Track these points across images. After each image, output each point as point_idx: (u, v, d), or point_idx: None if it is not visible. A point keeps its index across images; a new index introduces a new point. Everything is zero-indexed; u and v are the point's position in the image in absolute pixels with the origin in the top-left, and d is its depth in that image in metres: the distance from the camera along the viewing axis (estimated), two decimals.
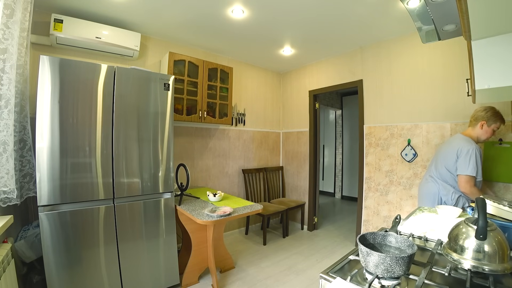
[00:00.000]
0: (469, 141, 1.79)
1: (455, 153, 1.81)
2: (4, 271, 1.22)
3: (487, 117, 1.80)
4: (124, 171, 1.86)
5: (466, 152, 1.75)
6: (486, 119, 1.80)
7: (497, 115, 1.79)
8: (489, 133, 1.79)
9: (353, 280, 0.79)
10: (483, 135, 1.81)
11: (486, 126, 1.80)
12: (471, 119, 1.89)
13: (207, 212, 1.94)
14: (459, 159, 1.78)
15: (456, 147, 1.82)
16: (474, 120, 1.86)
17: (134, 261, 1.92)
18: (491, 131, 1.78)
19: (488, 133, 1.79)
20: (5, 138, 1.47)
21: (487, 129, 1.79)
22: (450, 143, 1.91)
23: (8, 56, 1.47)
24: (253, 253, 2.92)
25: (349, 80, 3.15)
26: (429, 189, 1.94)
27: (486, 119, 1.80)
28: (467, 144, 1.77)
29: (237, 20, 2.40)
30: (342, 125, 5.84)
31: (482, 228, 0.78)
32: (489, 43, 0.95)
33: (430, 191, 1.93)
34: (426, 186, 1.98)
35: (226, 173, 3.46)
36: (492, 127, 1.78)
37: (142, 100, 1.94)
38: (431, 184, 1.94)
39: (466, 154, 1.75)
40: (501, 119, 1.78)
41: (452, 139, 1.93)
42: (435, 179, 1.93)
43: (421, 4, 1.14)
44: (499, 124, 1.78)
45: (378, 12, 2.20)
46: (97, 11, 2.22)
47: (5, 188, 1.46)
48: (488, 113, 1.79)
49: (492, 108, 1.80)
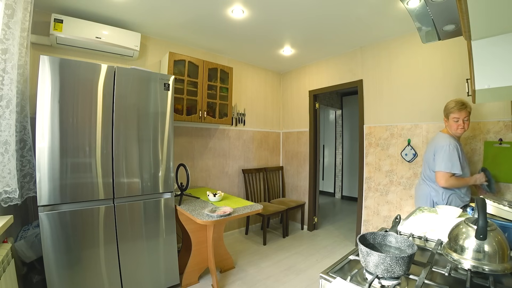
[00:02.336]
0: (444, 138, 1.83)
1: (432, 152, 1.88)
2: (4, 271, 1.23)
3: (444, 112, 1.90)
4: (124, 171, 1.86)
5: (440, 148, 1.81)
6: (444, 114, 1.89)
7: (447, 105, 1.86)
8: (453, 125, 1.82)
9: (353, 280, 0.79)
10: (451, 128, 1.85)
11: (446, 120, 1.88)
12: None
13: (207, 212, 1.94)
14: (435, 157, 1.84)
15: (433, 146, 1.88)
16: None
17: (134, 261, 1.92)
18: (453, 122, 1.82)
19: (452, 125, 1.83)
20: (7, 138, 1.47)
21: (448, 122, 1.86)
22: (430, 143, 1.98)
23: (9, 56, 1.47)
24: (253, 253, 2.92)
25: (349, 80, 3.15)
26: (422, 191, 1.96)
27: (444, 113, 1.90)
28: (441, 140, 1.83)
29: (237, 20, 2.40)
30: (342, 125, 5.84)
31: (482, 228, 0.78)
32: (489, 43, 0.95)
33: (423, 193, 1.95)
34: (420, 188, 2.02)
35: (226, 173, 3.46)
36: (450, 118, 1.83)
37: (142, 100, 1.94)
38: (423, 186, 1.97)
39: (440, 150, 1.81)
40: (452, 107, 1.81)
41: (432, 139, 2.00)
42: (425, 180, 1.97)
43: (421, 4, 1.14)
44: (455, 112, 1.80)
45: (378, 12, 2.20)
46: (97, 11, 2.22)
47: (7, 188, 1.46)
48: (444, 107, 1.90)
49: (449, 101, 1.88)
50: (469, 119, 1.81)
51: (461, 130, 1.81)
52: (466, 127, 1.81)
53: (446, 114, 1.87)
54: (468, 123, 1.81)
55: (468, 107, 1.80)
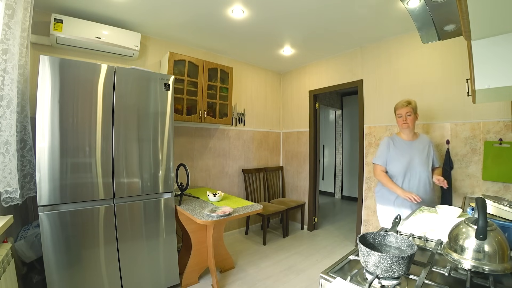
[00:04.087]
0: (386, 138, 2.07)
1: None
2: (4, 271, 1.23)
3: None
4: (124, 171, 1.86)
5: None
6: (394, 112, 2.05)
7: (395, 104, 2.02)
8: (398, 121, 1.98)
9: (353, 280, 0.79)
10: (398, 125, 2.01)
11: (396, 118, 2.03)
12: None
13: (207, 212, 1.94)
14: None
15: None
16: None
17: (134, 261, 1.92)
18: (398, 118, 1.98)
19: (398, 121, 1.99)
20: (7, 138, 1.47)
21: (396, 119, 2.01)
22: None
23: (9, 57, 1.47)
24: (253, 253, 2.92)
25: (349, 80, 3.15)
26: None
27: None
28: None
29: (237, 20, 2.40)
30: (342, 125, 5.84)
31: (482, 228, 0.78)
32: (489, 43, 0.95)
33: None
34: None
35: (226, 173, 3.46)
36: (396, 114, 1.99)
37: (142, 100, 1.94)
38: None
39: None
40: (397, 103, 1.99)
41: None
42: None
43: (421, 4, 1.14)
44: (399, 108, 1.95)
45: (378, 12, 2.20)
46: (97, 11, 2.22)
47: (8, 188, 1.46)
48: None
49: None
50: (412, 116, 1.91)
51: (405, 125, 1.93)
52: (410, 123, 1.91)
53: (394, 112, 2.01)
54: (411, 119, 1.91)
55: (411, 105, 1.91)
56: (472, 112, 2.17)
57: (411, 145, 1.96)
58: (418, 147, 1.94)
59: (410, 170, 1.91)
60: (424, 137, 2.01)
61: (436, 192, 2.37)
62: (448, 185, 2.25)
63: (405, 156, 1.94)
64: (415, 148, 1.94)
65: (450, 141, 2.29)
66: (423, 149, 1.93)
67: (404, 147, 1.97)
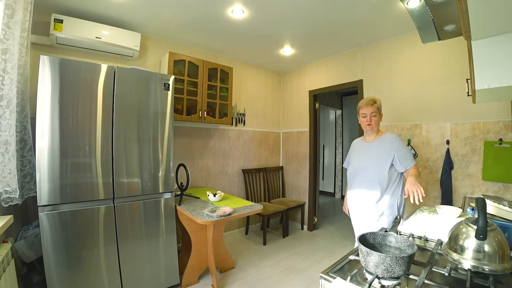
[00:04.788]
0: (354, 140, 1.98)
1: None
2: (4, 271, 1.23)
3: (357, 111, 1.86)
4: (124, 171, 1.86)
5: None
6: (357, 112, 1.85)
7: (359, 103, 1.82)
8: (362, 121, 1.76)
9: (353, 280, 0.79)
10: (362, 125, 1.80)
11: (359, 117, 1.82)
12: None
13: (207, 212, 1.94)
14: None
15: None
16: None
17: (134, 261, 1.92)
18: (361, 118, 1.76)
19: (361, 121, 1.77)
20: (7, 138, 1.47)
21: (359, 118, 1.80)
22: None
23: (9, 56, 1.47)
24: (253, 253, 2.92)
25: (349, 80, 3.15)
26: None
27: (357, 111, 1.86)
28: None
29: (237, 20, 2.40)
30: (342, 125, 5.84)
31: (482, 228, 0.78)
32: (489, 43, 0.95)
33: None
34: None
35: (226, 173, 3.45)
36: (360, 114, 1.77)
37: (142, 100, 1.94)
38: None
39: None
40: (361, 101, 1.78)
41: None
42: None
43: (421, 4, 1.14)
44: (363, 107, 1.74)
45: (378, 12, 2.20)
46: (97, 11, 2.22)
47: (7, 188, 1.46)
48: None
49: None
50: (377, 116, 1.71)
51: (369, 127, 1.72)
52: (374, 124, 1.71)
53: (357, 111, 1.81)
54: (376, 120, 1.71)
55: (377, 104, 1.71)
56: (472, 112, 2.17)
57: (369, 146, 1.77)
58: (375, 148, 1.73)
59: (360, 172, 1.74)
60: (388, 136, 1.73)
61: (436, 192, 2.38)
62: (449, 186, 2.27)
63: (357, 158, 1.81)
64: (372, 149, 1.74)
65: (450, 141, 2.29)
66: (382, 149, 1.69)
67: (360, 149, 1.84)
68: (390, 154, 1.64)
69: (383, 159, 1.66)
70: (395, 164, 1.64)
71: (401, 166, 1.63)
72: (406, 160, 1.62)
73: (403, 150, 1.64)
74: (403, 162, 1.62)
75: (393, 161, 1.63)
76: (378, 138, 1.75)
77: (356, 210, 1.80)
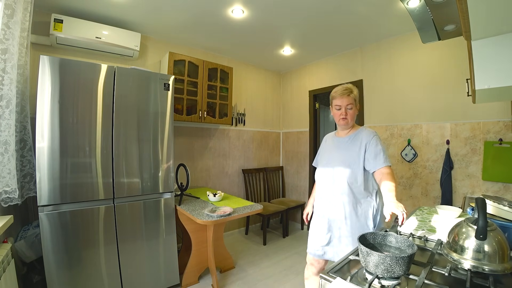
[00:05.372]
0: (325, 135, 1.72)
1: None
2: (4, 271, 1.22)
3: (329, 101, 1.57)
4: (124, 171, 1.86)
5: None
6: (330, 102, 1.58)
7: (332, 91, 1.54)
8: (336, 114, 1.50)
9: (353, 280, 0.79)
10: (335, 119, 1.54)
11: (332, 109, 1.57)
12: None
13: (207, 212, 1.94)
14: None
15: None
16: None
17: (134, 261, 1.92)
18: (335, 110, 1.50)
19: (335, 114, 1.52)
20: (6, 138, 1.47)
21: (332, 110, 1.55)
22: None
23: (9, 56, 1.47)
24: (253, 253, 2.92)
25: (349, 80, 3.15)
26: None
27: (330, 102, 1.58)
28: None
29: (237, 20, 2.39)
30: None
31: (482, 228, 0.77)
32: (489, 43, 0.95)
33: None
34: None
35: (226, 173, 3.45)
36: (333, 105, 1.52)
37: (142, 100, 1.94)
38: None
39: None
40: (335, 91, 1.50)
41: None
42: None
43: (421, 4, 1.14)
44: (337, 98, 1.47)
45: (378, 12, 2.20)
46: (97, 11, 2.22)
47: (7, 188, 1.46)
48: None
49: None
50: (354, 109, 1.45)
51: (343, 121, 1.45)
52: (350, 118, 1.44)
53: (330, 101, 1.54)
54: (352, 113, 1.44)
55: (353, 94, 1.45)
56: (472, 112, 2.17)
57: (340, 142, 1.51)
58: (347, 144, 1.46)
59: (328, 173, 1.46)
60: (363, 130, 1.47)
61: (436, 192, 2.38)
62: (449, 186, 2.27)
63: (326, 156, 1.55)
64: (343, 145, 1.48)
65: (450, 141, 2.29)
66: (354, 145, 1.42)
67: (330, 145, 1.58)
68: (361, 151, 1.38)
69: (354, 157, 1.39)
70: (364, 163, 1.37)
71: (370, 164, 1.35)
72: (377, 158, 1.33)
73: (375, 146, 1.36)
74: (373, 160, 1.33)
75: (364, 160, 1.38)
76: (350, 134, 1.49)
77: (319, 220, 1.52)
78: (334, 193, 1.42)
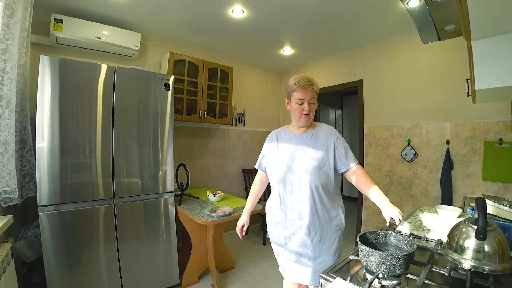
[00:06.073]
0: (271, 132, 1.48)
1: None
2: (4, 271, 1.22)
3: (286, 93, 1.34)
4: (124, 171, 1.86)
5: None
6: (286, 95, 1.34)
7: (289, 83, 1.30)
8: (297, 109, 1.27)
9: (353, 280, 0.79)
10: (294, 115, 1.31)
11: (288, 103, 1.33)
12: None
13: (207, 212, 1.94)
14: None
15: None
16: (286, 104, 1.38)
17: (134, 261, 1.92)
18: (296, 105, 1.27)
19: (295, 110, 1.28)
20: (6, 138, 1.47)
21: (290, 105, 1.31)
22: None
23: (9, 56, 1.47)
24: (253, 253, 2.92)
25: (349, 80, 3.15)
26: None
27: (286, 94, 1.34)
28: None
29: (237, 20, 2.39)
30: (342, 125, 5.83)
31: (482, 228, 0.77)
32: (489, 43, 0.95)
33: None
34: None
35: (226, 173, 3.45)
36: (293, 99, 1.28)
37: (142, 100, 1.94)
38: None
39: None
40: (295, 83, 1.25)
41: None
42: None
43: (421, 4, 1.14)
44: (300, 91, 1.24)
45: (378, 12, 2.20)
46: (97, 11, 2.22)
47: (6, 188, 1.46)
48: (286, 87, 1.33)
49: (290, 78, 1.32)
50: (315, 103, 1.29)
51: (305, 118, 1.27)
52: (312, 113, 1.28)
53: (288, 94, 1.31)
54: (314, 108, 1.28)
55: (316, 86, 1.27)
56: (472, 112, 2.17)
57: (301, 140, 1.31)
58: (312, 141, 1.29)
59: (292, 176, 1.26)
60: (323, 126, 1.34)
61: (436, 192, 2.38)
62: (449, 186, 2.27)
63: (284, 154, 1.31)
64: (306, 143, 1.29)
65: (450, 141, 2.29)
66: (320, 143, 1.27)
67: (287, 143, 1.34)
68: (330, 149, 1.25)
69: (323, 156, 1.24)
70: (335, 162, 1.25)
71: (341, 163, 1.25)
72: (347, 156, 1.25)
73: (343, 143, 1.27)
74: (344, 158, 1.24)
75: (335, 159, 1.25)
76: (311, 130, 1.33)
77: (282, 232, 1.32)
78: (305, 196, 1.23)
